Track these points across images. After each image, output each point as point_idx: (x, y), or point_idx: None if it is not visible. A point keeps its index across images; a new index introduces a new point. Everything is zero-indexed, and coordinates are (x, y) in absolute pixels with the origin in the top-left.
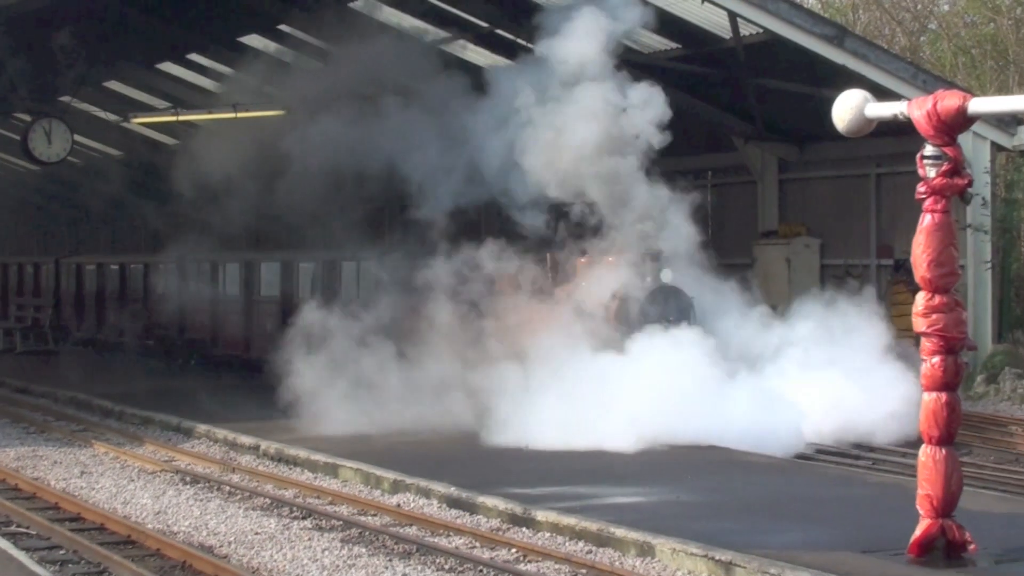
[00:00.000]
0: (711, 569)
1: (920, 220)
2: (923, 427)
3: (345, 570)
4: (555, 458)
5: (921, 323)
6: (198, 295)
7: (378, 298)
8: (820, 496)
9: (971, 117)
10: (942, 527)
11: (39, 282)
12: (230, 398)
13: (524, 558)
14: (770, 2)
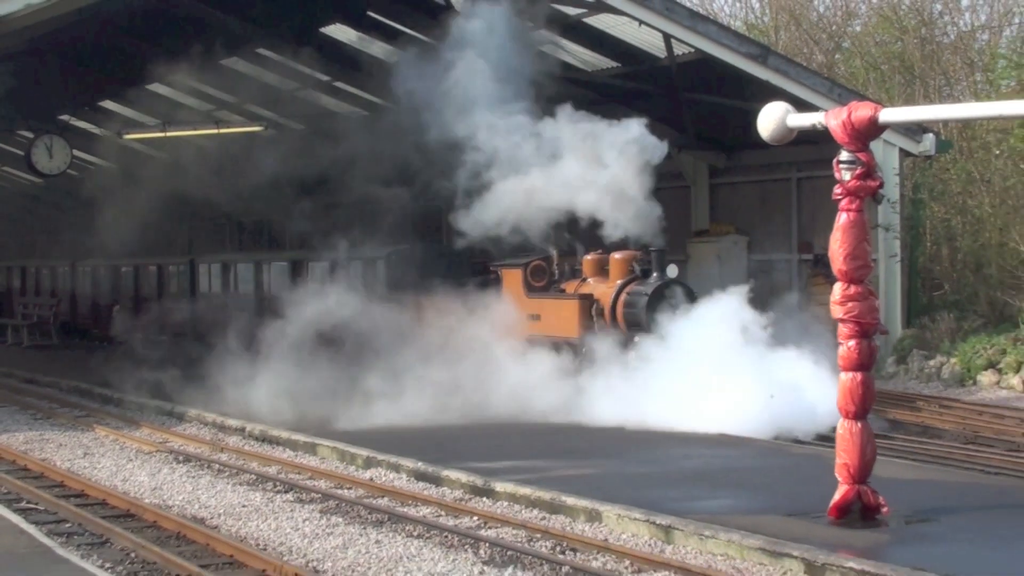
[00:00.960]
0: (652, 532)
1: (837, 219)
2: (841, 403)
3: (324, 538)
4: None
5: (838, 310)
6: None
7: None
8: (749, 466)
9: (881, 126)
10: (858, 492)
11: (40, 284)
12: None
13: (485, 525)
14: (700, 24)
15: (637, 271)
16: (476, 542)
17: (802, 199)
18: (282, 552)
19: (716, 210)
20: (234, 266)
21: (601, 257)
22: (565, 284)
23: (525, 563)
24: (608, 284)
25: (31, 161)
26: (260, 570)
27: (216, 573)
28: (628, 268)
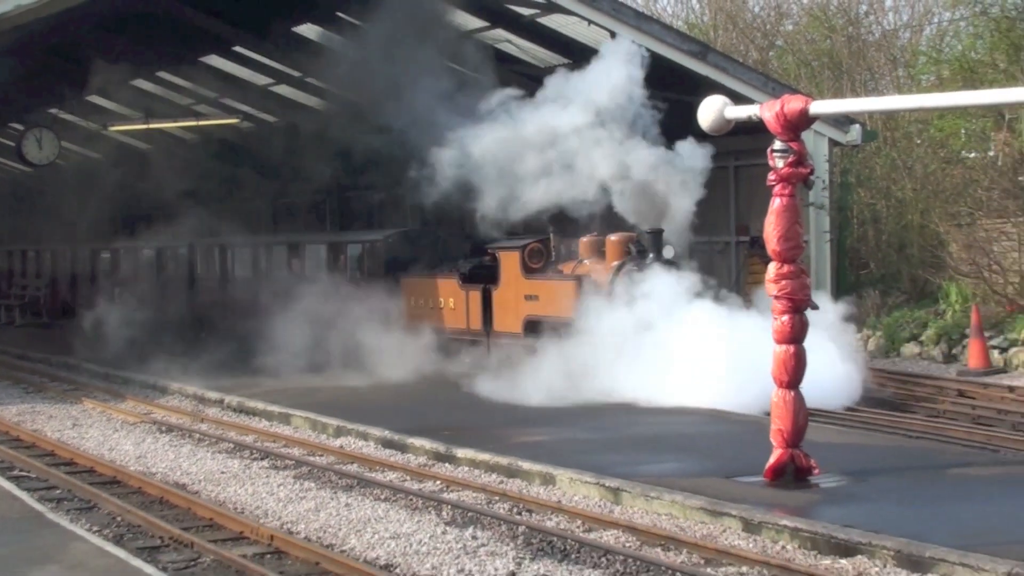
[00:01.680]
0: (602, 494)
1: (771, 203)
2: (775, 374)
3: (297, 501)
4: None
5: (772, 288)
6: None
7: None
8: (693, 432)
9: (812, 117)
10: (791, 455)
11: (27, 266)
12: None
13: (447, 488)
14: (645, 24)
15: (633, 252)
16: (439, 504)
17: (739, 185)
18: (258, 515)
19: None
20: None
21: (597, 239)
22: (562, 265)
23: (484, 524)
24: (605, 265)
25: (22, 152)
26: (238, 532)
27: (197, 535)
28: (624, 249)
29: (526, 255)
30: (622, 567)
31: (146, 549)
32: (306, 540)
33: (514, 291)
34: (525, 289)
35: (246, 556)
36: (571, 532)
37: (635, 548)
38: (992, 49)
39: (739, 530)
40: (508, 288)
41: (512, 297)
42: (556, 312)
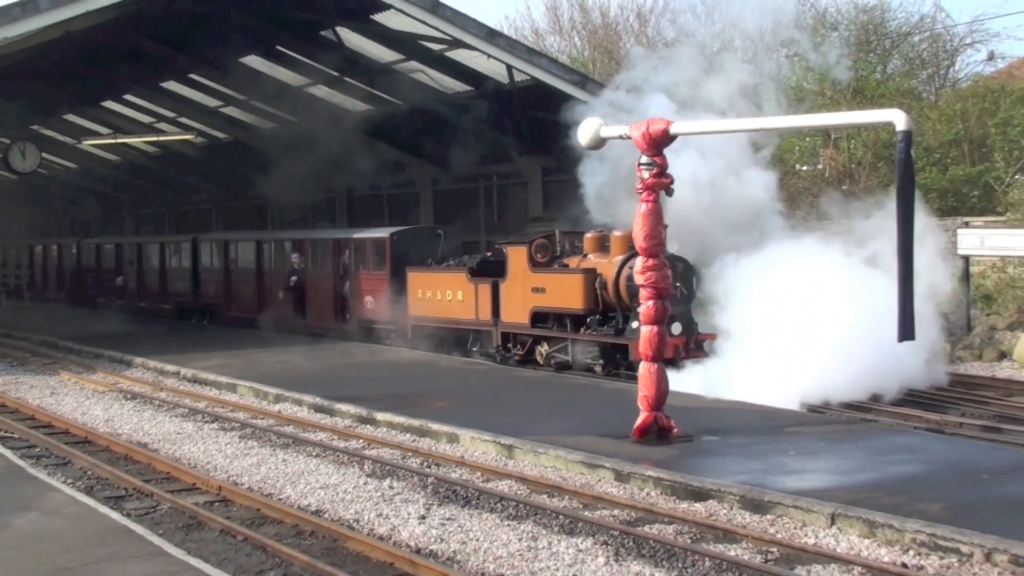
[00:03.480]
0: (498, 450)
1: (638, 207)
2: (642, 349)
3: (242, 458)
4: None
5: (640, 278)
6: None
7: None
8: (574, 398)
9: (672, 136)
10: (655, 417)
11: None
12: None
13: (368, 446)
14: (535, 58)
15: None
16: (361, 460)
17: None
18: (209, 469)
19: (547, 201)
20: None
21: (602, 234)
22: (567, 260)
23: (400, 475)
24: (609, 260)
25: (8, 162)
26: (191, 483)
27: (156, 486)
28: (629, 244)
29: (533, 250)
30: (514, 511)
31: (112, 498)
32: (249, 490)
33: (521, 284)
34: (532, 282)
35: (198, 504)
36: (472, 482)
37: (525, 495)
38: (821, 81)
39: (612, 480)
40: (515, 281)
41: (520, 290)
42: (563, 304)
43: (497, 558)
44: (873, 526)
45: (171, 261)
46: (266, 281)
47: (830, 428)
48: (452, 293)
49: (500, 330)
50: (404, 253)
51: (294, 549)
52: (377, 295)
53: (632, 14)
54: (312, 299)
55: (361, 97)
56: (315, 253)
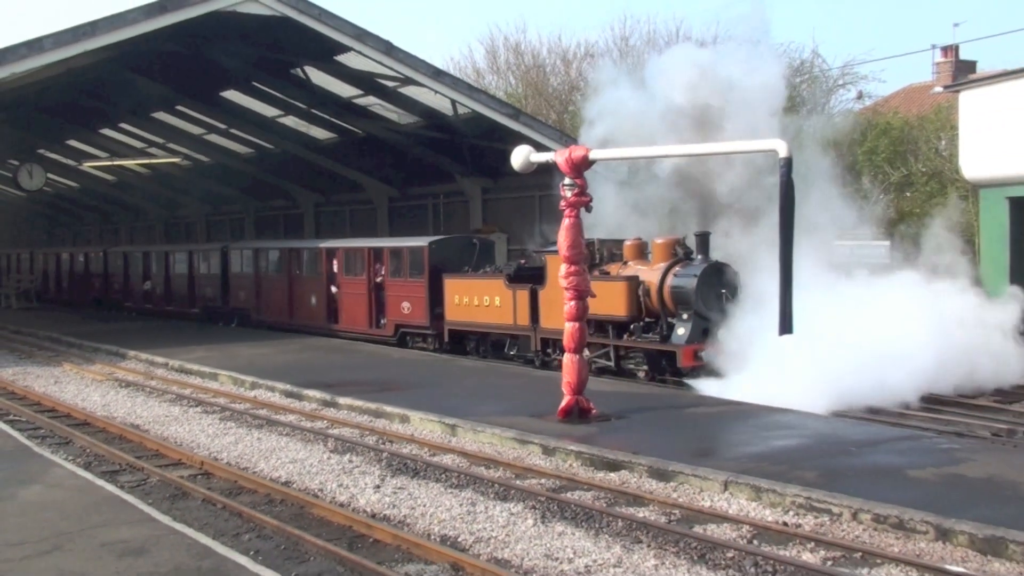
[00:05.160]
0: (443, 429)
1: (562, 222)
2: (566, 343)
3: (221, 437)
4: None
5: (564, 282)
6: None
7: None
8: (509, 384)
9: (591, 161)
10: (577, 401)
11: (20, 264)
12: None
13: (331, 426)
14: (475, 94)
15: (680, 254)
16: (325, 438)
17: (542, 209)
18: (192, 447)
19: (487, 216)
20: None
21: (641, 242)
22: (607, 267)
23: (358, 451)
24: (651, 266)
25: (17, 181)
26: (177, 459)
27: (147, 462)
28: (671, 252)
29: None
30: (456, 481)
31: (108, 472)
32: (227, 465)
33: (561, 291)
34: None
35: (183, 476)
36: (420, 456)
37: (466, 467)
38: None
39: (540, 453)
40: (555, 288)
41: (559, 297)
42: (606, 310)
43: (441, 521)
44: (759, 491)
45: (200, 268)
46: (296, 287)
47: (722, 409)
48: (489, 299)
49: (539, 335)
50: (440, 261)
51: (266, 515)
52: (414, 301)
53: (559, 58)
54: (346, 305)
55: (327, 126)
56: (349, 261)
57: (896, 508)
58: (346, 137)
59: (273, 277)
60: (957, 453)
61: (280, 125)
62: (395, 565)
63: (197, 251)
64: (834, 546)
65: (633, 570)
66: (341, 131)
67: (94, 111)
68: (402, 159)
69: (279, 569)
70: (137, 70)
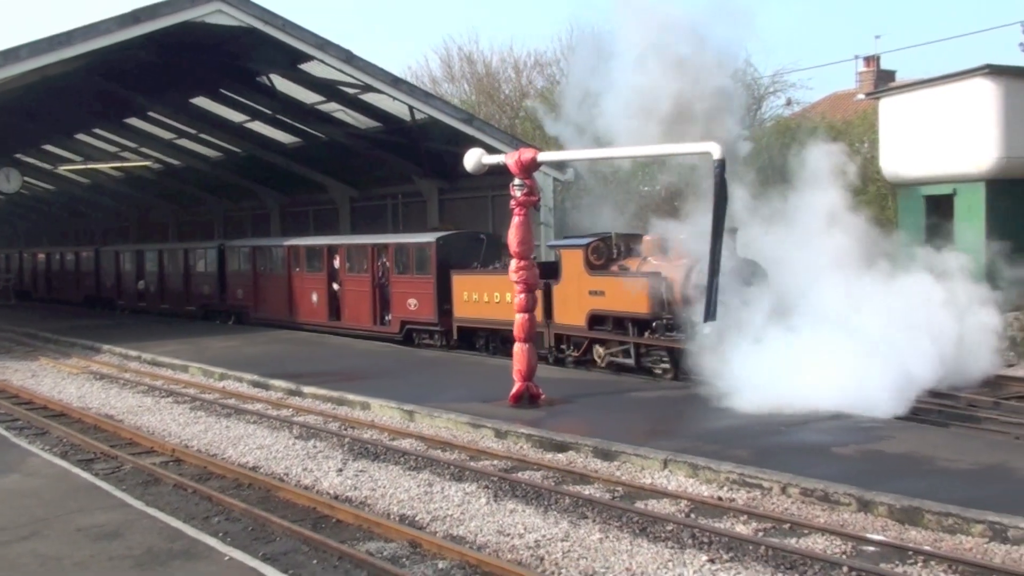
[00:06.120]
0: (401, 415)
1: (512, 220)
2: (516, 333)
3: (192, 425)
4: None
5: (514, 276)
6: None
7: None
8: (464, 372)
9: (539, 163)
10: (527, 387)
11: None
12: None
13: (297, 414)
14: (431, 100)
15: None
16: (291, 425)
17: (495, 208)
18: (164, 436)
19: (443, 215)
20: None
21: (661, 237)
22: (626, 262)
23: (322, 437)
24: (674, 262)
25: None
26: (149, 447)
27: (121, 450)
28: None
29: (589, 252)
30: (414, 463)
31: (84, 461)
32: (198, 451)
33: (576, 287)
34: (590, 285)
35: (155, 463)
36: (380, 441)
37: (423, 450)
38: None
39: (492, 437)
40: (570, 284)
41: (575, 293)
42: (626, 307)
43: (400, 501)
44: (696, 468)
45: (196, 266)
46: (296, 284)
47: (663, 393)
48: (500, 295)
49: (553, 331)
50: (447, 257)
51: (234, 498)
52: (421, 298)
53: (510, 66)
54: (349, 302)
55: (291, 131)
56: (352, 258)
57: (822, 482)
58: (310, 141)
59: (272, 275)
60: (878, 431)
61: (247, 130)
62: (356, 543)
63: (193, 249)
64: (765, 518)
65: (579, 544)
66: (305, 135)
67: (69, 117)
68: (363, 162)
69: (247, 549)
70: (110, 77)
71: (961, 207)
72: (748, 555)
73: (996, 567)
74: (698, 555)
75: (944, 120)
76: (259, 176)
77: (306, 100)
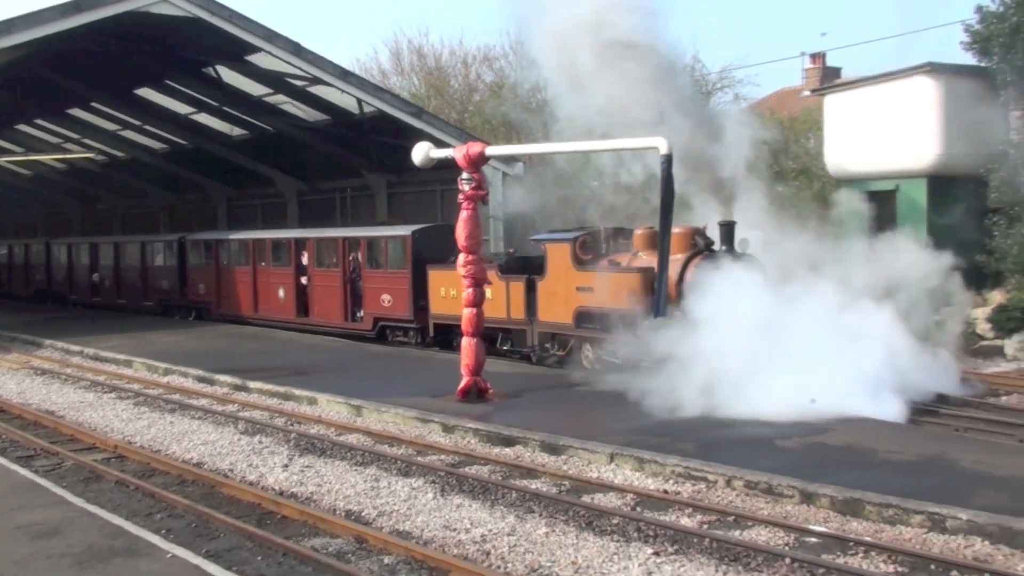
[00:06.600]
0: (349, 410)
1: (460, 214)
2: (464, 327)
3: (135, 421)
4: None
5: (463, 271)
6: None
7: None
8: (412, 367)
9: (487, 157)
10: (475, 381)
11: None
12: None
13: (242, 409)
14: (380, 93)
15: (700, 245)
16: (236, 420)
17: (444, 202)
18: (107, 431)
19: (391, 209)
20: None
21: (653, 231)
22: (616, 257)
23: (268, 432)
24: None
25: None
26: (91, 444)
27: (61, 447)
28: (690, 242)
29: (577, 247)
30: (361, 458)
31: (23, 458)
32: (141, 448)
33: (564, 282)
34: (577, 280)
35: (96, 460)
36: (327, 436)
37: (370, 445)
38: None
39: (440, 431)
40: (556, 279)
41: (562, 288)
42: (616, 303)
43: (346, 497)
44: (642, 462)
45: (155, 260)
46: (261, 279)
47: (611, 388)
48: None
49: (537, 329)
50: (422, 251)
51: (178, 495)
52: (395, 293)
53: (460, 60)
54: (318, 298)
55: (239, 123)
56: (321, 252)
57: (766, 475)
58: (257, 133)
59: (236, 269)
60: (822, 424)
61: (193, 122)
62: (302, 539)
63: (151, 242)
64: (710, 511)
65: (526, 538)
66: (252, 128)
67: (9, 107)
68: (311, 155)
69: (190, 546)
70: (52, 67)
71: (903, 203)
72: (693, 547)
73: (934, 557)
74: (643, 548)
75: (887, 117)
76: (205, 169)
77: (253, 92)
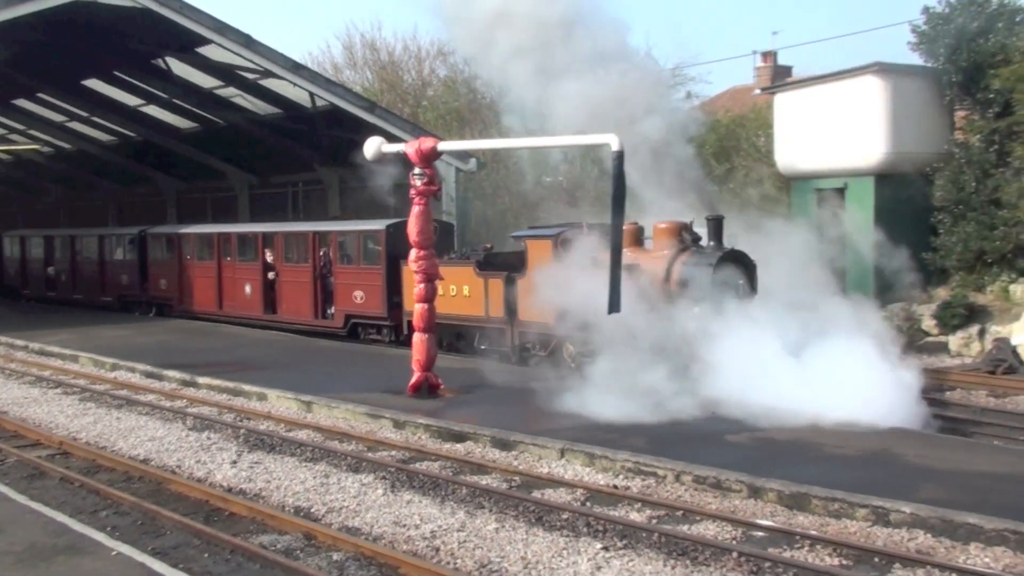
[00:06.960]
0: (299, 406)
1: (412, 210)
2: (416, 323)
3: (81, 417)
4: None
5: (415, 265)
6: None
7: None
8: (364, 363)
9: (440, 152)
10: (426, 377)
11: None
12: None
13: (190, 405)
14: (333, 87)
15: (688, 240)
16: (184, 416)
17: (399, 197)
18: (51, 427)
19: (344, 204)
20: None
21: (637, 227)
22: (600, 254)
23: (216, 428)
24: (652, 254)
25: None
26: (35, 440)
27: (4, 443)
28: (677, 237)
29: (559, 244)
30: (311, 454)
31: None
32: (86, 444)
33: (546, 279)
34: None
35: (40, 456)
36: (277, 432)
37: (320, 441)
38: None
39: (391, 427)
40: (539, 276)
41: (544, 286)
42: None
43: (295, 493)
44: (592, 457)
45: (114, 254)
46: (226, 275)
47: (562, 384)
48: (456, 288)
49: (517, 329)
50: (397, 246)
51: (124, 492)
52: (368, 290)
53: (413, 56)
54: (286, 294)
55: (189, 116)
56: (290, 247)
57: (714, 470)
58: (207, 126)
59: (199, 264)
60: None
61: (142, 114)
62: (250, 536)
63: (109, 235)
64: (659, 505)
65: (475, 534)
66: (203, 121)
67: None
68: (262, 148)
69: (135, 544)
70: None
71: (851, 201)
72: (641, 542)
73: (878, 550)
74: (592, 543)
75: (836, 116)
76: (155, 161)
77: (204, 84)
